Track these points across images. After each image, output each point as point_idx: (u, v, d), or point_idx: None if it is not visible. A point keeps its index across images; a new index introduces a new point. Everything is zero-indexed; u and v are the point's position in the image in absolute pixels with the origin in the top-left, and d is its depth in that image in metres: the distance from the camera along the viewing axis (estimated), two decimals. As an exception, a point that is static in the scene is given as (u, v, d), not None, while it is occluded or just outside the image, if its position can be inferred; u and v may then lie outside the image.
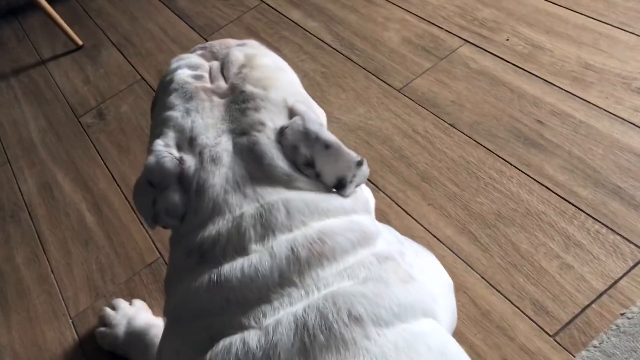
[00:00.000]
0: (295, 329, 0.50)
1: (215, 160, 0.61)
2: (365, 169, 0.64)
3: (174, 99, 0.66)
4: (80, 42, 1.69)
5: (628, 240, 0.84)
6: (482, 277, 0.86)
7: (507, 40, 1.20)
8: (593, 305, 0.79)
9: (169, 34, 1.61)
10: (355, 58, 1.30)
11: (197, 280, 0.58)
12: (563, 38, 1.15)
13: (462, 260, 0.89)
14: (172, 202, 0.60)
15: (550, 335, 0.78)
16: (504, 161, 0.99)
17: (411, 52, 1.26)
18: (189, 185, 0.60)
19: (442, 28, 1.28)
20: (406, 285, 0.57)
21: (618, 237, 0.85)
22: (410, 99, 1.16)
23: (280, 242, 0.57)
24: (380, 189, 1.02)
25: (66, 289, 1.08)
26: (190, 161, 0.61)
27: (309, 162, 0.61)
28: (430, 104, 1.13)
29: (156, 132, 0.65)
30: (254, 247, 0.57)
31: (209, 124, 0.63)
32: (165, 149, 0.61)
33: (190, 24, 1.62)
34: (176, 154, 0.61)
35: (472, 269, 0.88)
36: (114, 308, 0.99)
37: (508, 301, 0.83)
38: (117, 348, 0.93)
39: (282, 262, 0.55)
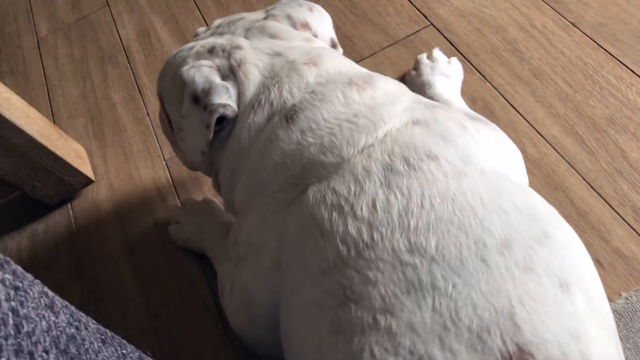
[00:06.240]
0: (384, 172, 0.53)
1: (238, 47, 0.67)
2: None
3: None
4: None
5: None
6: (584, 179, 0.85)
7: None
8: (699, 222, 0.78)
9: None
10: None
11: (272, 128, 0.61)
12: None
13: (565, 160, 0.87)
14: (224, 87, 0.65)
15: (648, 244, 0.77)
16: (625, 67, 0.94)
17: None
18: (230, 72, 0.66)
19: None
20: (463, 131, 0.58)
21: None
22: (530, -9, 1.10)
23: (336, 74, 0.63)
24: (487, 80, 0.99)
25: (161, 133, 1.11)
26: (218, 60, 0.67)
27: (305, 24, 0.73)
28: (552, -1, 1.07)
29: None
30: (314, 81, 0.63)
31: (217, 40, 0.70)
32: (197, 62, 0.67)
33: None
34: (207, 61, 0.67)
35: (574, 169, 0.86)
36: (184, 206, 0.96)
37: (608, 205, 0.82)
38: (189, 244, 0.93)
39: (344, 86, 0.61)
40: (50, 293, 0.41)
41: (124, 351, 0.48)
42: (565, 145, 0.89)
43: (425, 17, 1.12)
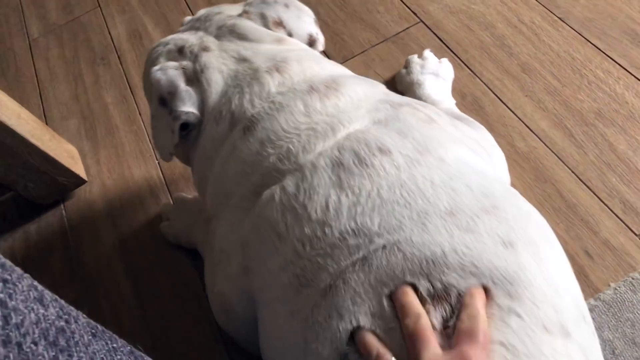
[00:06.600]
0: (332, 167, 0.54)
1: (205, 49, 0.68)
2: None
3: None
4: None
5: None
6: (573, 172, 0.85)
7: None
8: (686, 213, 0.79)
9: None
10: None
11: (232, 139, 0.62)
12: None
13: (554, 153, 0.88)
14: (187, 93, 0.66)
15: (636, 234, 0.78)
16: (612, 61, 0.95)
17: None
18: (194, 76, 0.66)
19: None
20: (429, 124, 0.58)
21: None
22: (518, -13, 1.11)
23: (299, 82, 0.62)
24: (476, 75, 1.00)
25: (153, 132, 1.11)
26: (185, 61, 0.68)
27: (278, 22, 0.72)
28: (540, -6, 1.08)
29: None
30: (275, 90, 0.62)
31: (188, 37, 0.71)
32: (164, 64, 0.68)
33: None
34: (174, 62, 0.68)
35: (563, 162, 0.87)
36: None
37: (596, 197, 0.82)
38: (180, 240, 0.93)
39: (304, 95, 0.60)
40: (40, 287, 0.42)
41: (114, 345, 0.48)
42: (554, 138, 0.89)
43: (415, 14, 1.13)
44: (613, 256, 0.77)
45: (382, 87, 0.66)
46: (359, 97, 0.60)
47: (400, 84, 1.00)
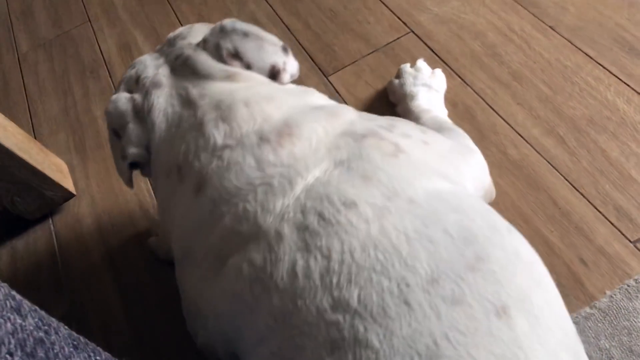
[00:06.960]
0: (297, 232, 0.50)
1: (156, 84, 0.65)
2: (293, 59, 0.69)
3: None
4: None
5: None
6: (566, 179, 0.85)
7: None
8: (680, 218, 0.78)
9: None
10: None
11: (186, 199, 0.59)
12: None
13: (547, 160, 0.87)
14: (133, 131, 0.65)
15: (630, 241, 0.77)
16: (603, 68, 0.95)
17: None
18: (142, 113, 0.65)
19: None
20: (395, 158, 0.54)
21: None
22: (508, -3, 1.11)
23: (248, 133, 0.57)
24: (467, 84, 1.00)
25: (143, 145, 1.10)
26: (137, 95, 0.66)
27: (233, 53, 0.66)
28: (530, 3, 1.08)
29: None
30: (221, 142, 0.58)
31: (149, 65, 0.69)
32: (118, 96, 0.68)
33: None
34: (127, 95, 0.67)
35: (556, 169, 0.86)
36: None
37: (590, 204, 0.82)
38: (170, 256, 0.88)
39: (254, 149, 0.56)
40: (18, 297, 0.40)
41: (97, 358, 0.47)
42: (547, 146, 0.89)
43: (405, 24, 1.13)
44: (608, 263, 0.76)
45: (349, 114, 0.61)
46: (317, 138, 0.56)
47: (393, 95, 0.99)
